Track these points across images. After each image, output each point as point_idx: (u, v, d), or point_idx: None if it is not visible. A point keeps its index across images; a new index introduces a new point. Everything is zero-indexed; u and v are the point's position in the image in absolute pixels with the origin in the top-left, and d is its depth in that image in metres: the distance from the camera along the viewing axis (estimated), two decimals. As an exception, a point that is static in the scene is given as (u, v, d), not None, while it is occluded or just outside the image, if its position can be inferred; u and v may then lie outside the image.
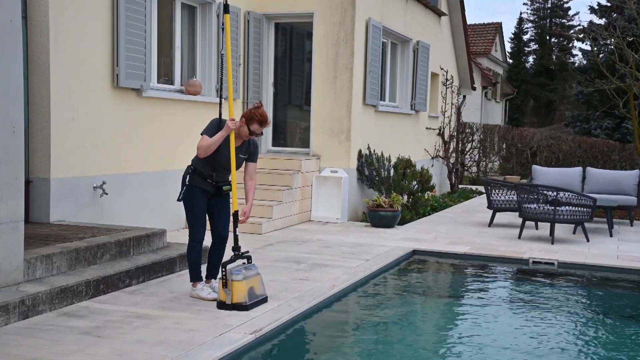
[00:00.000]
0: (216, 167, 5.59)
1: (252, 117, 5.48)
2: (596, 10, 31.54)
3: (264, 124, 5.51)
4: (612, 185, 11.60)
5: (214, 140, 5.41)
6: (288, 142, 11.90)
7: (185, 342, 4.61)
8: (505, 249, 8.74)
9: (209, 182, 5.61)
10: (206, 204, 5.68)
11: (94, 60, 7.65)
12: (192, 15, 9.82)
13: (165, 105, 8.90)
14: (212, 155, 5.52)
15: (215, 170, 5.59)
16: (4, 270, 5.16)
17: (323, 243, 8.78)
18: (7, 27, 5.12)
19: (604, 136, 27.66)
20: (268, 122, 5.57)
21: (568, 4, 54.52)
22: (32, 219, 7.13)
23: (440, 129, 16.21)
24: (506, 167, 20.79)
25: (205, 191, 5.65)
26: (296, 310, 5.53)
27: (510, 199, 10.94)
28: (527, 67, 53.70)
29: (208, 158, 5.54)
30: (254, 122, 5.49)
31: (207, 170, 5.59)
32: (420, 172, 11.75)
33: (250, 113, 5.50)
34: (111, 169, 7.97)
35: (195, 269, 5.79)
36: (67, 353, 4.33)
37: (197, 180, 5.61)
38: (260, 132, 5.56)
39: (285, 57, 11.92)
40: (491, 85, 31.28)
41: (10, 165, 5.15)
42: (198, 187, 5.61)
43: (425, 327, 5.93)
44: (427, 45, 14.55)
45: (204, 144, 5.43)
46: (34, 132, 7.12)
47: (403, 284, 7.33)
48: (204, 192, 5.65)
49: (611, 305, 6.78)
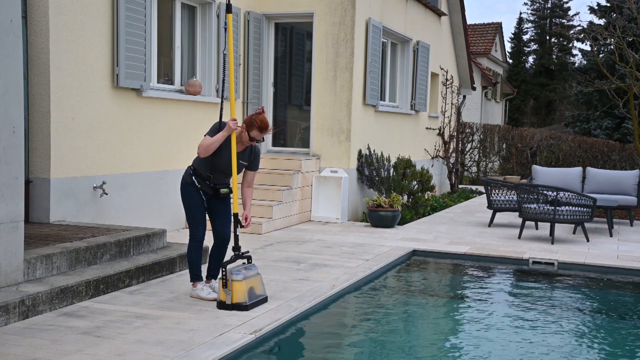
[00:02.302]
0: (215, 170, 5.59)
1: (252, 123, 5.46)
2: (596, 11, 31.56)
3: (264, 131, 5.48)
4: (612, 185, 11.61)
5: (214, 140, 5.40)
6: (288, 142, 11.91)
7: (185, 342, 4.61)
8: (505, 249, 8.74)
9: (207, 184, 5.62)
10: (204, 202, 5.68)
11: (94, 60, 7.65)
12: (192, 15, 9.82)
13: (165, 105, 8.90)
14: (211, 157, 5.52)
15: (213, 172, 5.59)
16: (4, 270, 5.16)
17: (323, 243, 8.78)
18: (7, 27, 5.12)
19: (604, 136, 27.67)
20: (269, 129, 5.53)
21: (568, 4, 54.57)
22: (32, 219, 7.13)
23: (440, 129, 16.22)
24: (506, 167, 20.80)
25: (205, 192, 5.66)
26: (296, 310, 5.53)
27: (510, 199, 10.94)
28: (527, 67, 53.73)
29: (207, 159, 5.55)
30: (254, 129, 5.46)
31: (205, 172, 5.59)
32: (420, 172, 11.76)
33: (251, 119, 5.47)
34: (111, 169, 7.97)
35: (195, 269, 5.79)
36: (67, 353, 4.33)
37: (197, 181, 5.62)
38: (260, 138, 5.53)
39: (285, 57, 11.92)
40: (491, 85, 31.28)
41: (10, 165, 5.16)
42: (196, 186, 5.62)
43: (425, 327, 5.93)
44: (427, 45, 14.55)
45: (205, 143, 5.43)
46: (34, 132, 7.12)
47: (403, 284, 7.33)
48: (204, 193, 5.66)
49: (611, 305, 6.77)
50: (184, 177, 5.68)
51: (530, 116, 49.11)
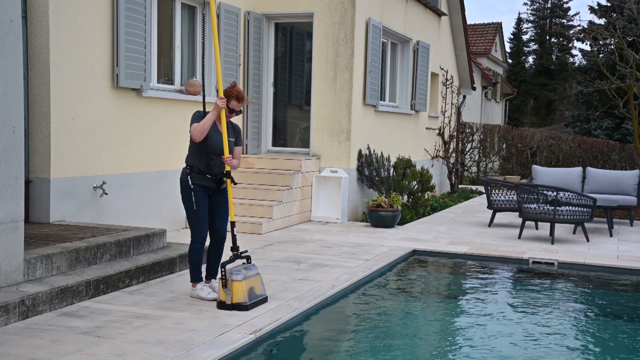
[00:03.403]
0: (211, 156, 5.66)
1: (229, 95, 5.73)
2: (596, 11, 31.56)
3: (241, 100, 5.75)
4: (612, 185, 11.61)
5: (206, 120, 5.57)
6: (288, 142, 11.90)
7: (185, 342, 4.61)
8: (505, 249, 8.74)
9: (208, 178, 5.66)
10: (208, 203, 5.70)
11: (94, 60, 7.65)
12: (192, 15, 9.82)
13: (165, 105, 8.90)
14: (204, 144, 5.62)
15: (211, 159, 5.66)
16: (4, 270, 5.16)
17: (323, 243, 8.78)
18: (7, 27, 5.12)
19: (604, 136, 27.67)
20: (245, 99, 5.82)
21: (568, 4, 54.59)
22: (32, 219, 7.13)
23: (440, 129, 16.22)
24: (506, 167, 20.80)
25: (206, 188, 5.67)
26: (296, 310, 5.53)
27: (510, 199, 10.94)
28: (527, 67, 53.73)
29: (201, 150, 5.63)
30: (232, 99, 5.72)
31: (203, 163, 5.65)
32: (420, 172, 11.76)
33: (227, 92, 5.74)
34: (111, 169, 7.97)
35: (196, 270, 5.80)
36: (67, 353, 4.34)
37: (197, 179, 5.64)
38: (239, 109, 5.77)
39: (285, 57, 11.92)
40: (491, 85, 31.28)
41: (10, 165, 5.16)
42: (199, 185, 5.64)
43: (425, 327, 5.93)
44: (427, 45, 14.55)
45: (197, 127, 5.57)
46: (34, 132, 7.12)
47: (403, 284, 7.33)
48: (206, 189, 5.67)
49: (611, 305, 6.77)
50: (182, 179, 5.72)
51: (530, 116, 49.12)
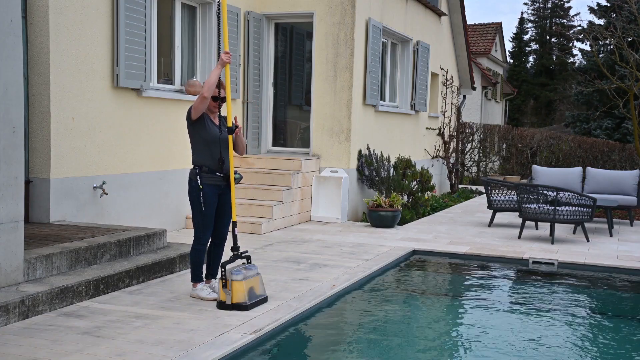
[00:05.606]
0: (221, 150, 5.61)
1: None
2: (596, 11, 31.56)
3: (220, 86, 5.67)
4: (612, 185, 11.61)
5: (211, 76, 5.53)
6: (288, 142, 11.91)
7: (185, 342, 4.61)
8: (505, 249, 8.74)
9: (218, 176, 5.64)
10: (216, 204, 5.70)
11: (94, 60, 7.65)
12: (192, 15, 9.82)
13: (165, 105, 8.90)
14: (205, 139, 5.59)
15: (221, 154, 5.61)
16: (4, 270, 5.16)
17: (323, 243, 8.78)
18: (7, 27, 5.12)
19: (604, 136, 27.67)
20: (223, 85, 5.73)
21: (569, 4, 54.58)
22: (32, 219, 7.13)
23: (440, 129, 16.22)
24: (506, 167, 20.80)
25: (216, 187, 5.66)
26: (296, 310, 5.53)
27: (510, 199, 10.94)
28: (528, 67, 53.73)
29: (205, 148, 5.60)
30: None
31: (214, 159, 5.61)
32: (420, 172, 11.76)
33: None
34: (111, 169, 7.97)
35: (197, 270, 5.80)
36: (67, 353, 4.34)
37: (206, 178, 5.62)
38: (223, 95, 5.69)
39: (285, 57, 11.92)
40: (491, 85, 31.27)
41: (10, 165, 5.16)
42: (208, 185, 5.62)
43: (425, 327, 5.93)
44: (427, 46, 14.55)
45: (205, 86, 5.50)
46: (34, 132, 7.12)
47: (403, 284, 7.33)
48: (216, 188, 5.66)
49: (611, 305, 6.77)
50: (190, 179, 5.68)
51: (531, 116, 49.12)
